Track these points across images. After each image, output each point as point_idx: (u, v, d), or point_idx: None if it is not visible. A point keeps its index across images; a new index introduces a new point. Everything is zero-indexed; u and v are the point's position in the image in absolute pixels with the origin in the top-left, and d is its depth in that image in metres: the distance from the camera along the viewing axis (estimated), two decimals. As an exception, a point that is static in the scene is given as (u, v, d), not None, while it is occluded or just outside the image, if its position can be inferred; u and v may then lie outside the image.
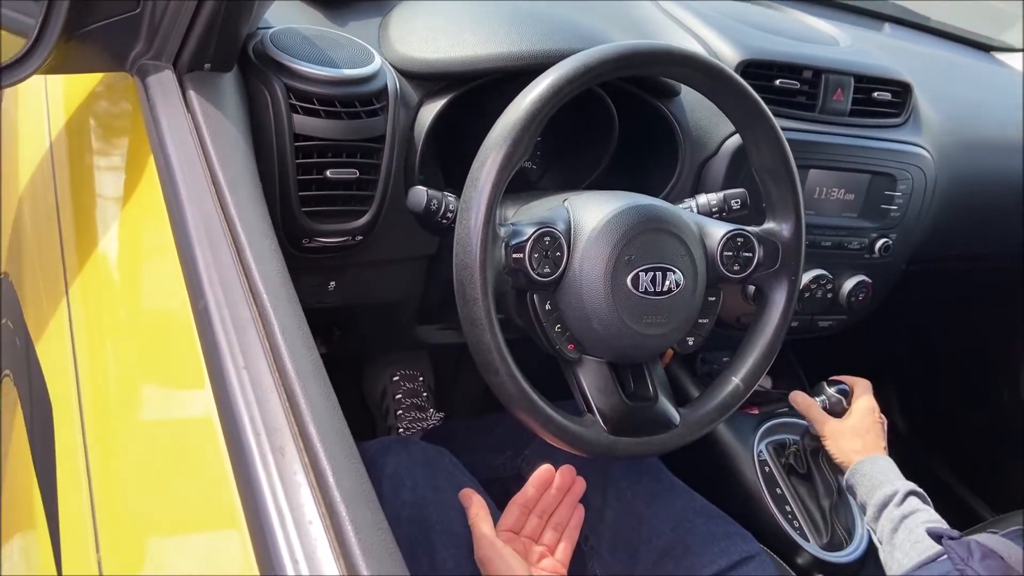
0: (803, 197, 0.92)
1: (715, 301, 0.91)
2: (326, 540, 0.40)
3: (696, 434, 0.89)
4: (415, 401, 1.55)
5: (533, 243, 0.80)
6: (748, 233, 0.89)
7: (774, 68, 1.14)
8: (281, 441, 0.44)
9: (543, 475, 0.89)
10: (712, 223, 0.91)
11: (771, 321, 0.92)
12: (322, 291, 1.00)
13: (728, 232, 0.88)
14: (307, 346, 0.52)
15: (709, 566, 0.91)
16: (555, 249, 0.81)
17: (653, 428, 0.87)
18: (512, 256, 0.79)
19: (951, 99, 1.36)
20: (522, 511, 0.88)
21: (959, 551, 0.50)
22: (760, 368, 0.92)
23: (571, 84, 0.78)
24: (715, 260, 0.88)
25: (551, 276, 0.81)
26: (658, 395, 0.88)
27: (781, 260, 0.91)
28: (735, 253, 0.89)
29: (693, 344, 0.91)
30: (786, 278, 0.91)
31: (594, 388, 0.86)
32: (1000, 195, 1.39)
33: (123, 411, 0.56)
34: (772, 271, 0.91)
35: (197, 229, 0.56)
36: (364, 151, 0.88)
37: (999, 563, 0.49)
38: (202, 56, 0.74)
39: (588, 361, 0.86)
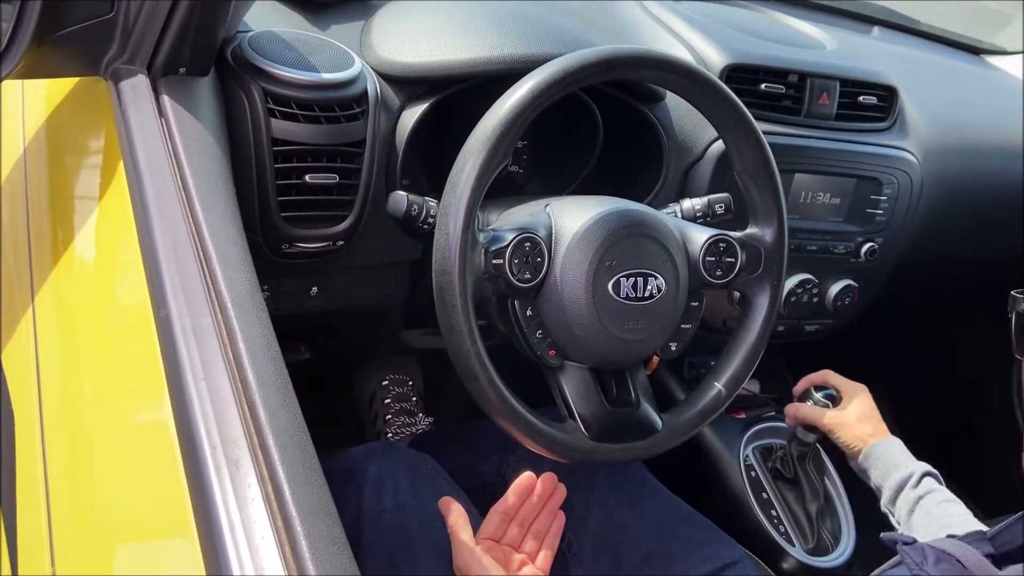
0: (788, 201, 0.92)
1: (697, 306, 0.90)
2: (277, 557, 0.40)
3: (678, 440, 0.89)
4: (404, 406, 1.54)
5: (513, 249, 0.79)
6: (730, 238, 0.89)
7: (759, 72, 1.13)
8: (237, 453, 0.43)
9: (524, 482, 0.88)
10: (695, 228, 0.91)
11: (753, 326, 0.91)
12: (304, 296, 0.99)
13: (710, 237, 0.88)
14: (271, 356, 0.51)
15: (692, 572, 0.91)
16: (536, 255, 0.81)
17: (635, 434, 0.87)
18: (492, 262, 0.79)
19: (938, 103, 1.36)
20: (502, 519, 0.87)
21: (914, 556, 0.50)
22: (743, 373, 0.91)
23: (551, 89, 0.78)
24: (697, 266, 0.88)
25: (532, 282, 0.81)
26: (640, 401, 0.88)
27: (764, 265, 0.91)
28: (717, 258, 0.88)
29: (676, 349, 0.91)
30: (768, 283, 0.91)
31: (576, 394, 0.85)
32: (987, 199, 1.38)
33: (82, 420, 0.55)
34: (755, 276, 0.91)
35: (163, 236, 0.56)
36: (344, 156, 0.87)
37: (954, 566, 0.48)
38: (177, 60, 0.73)
39: (570, 367, 0.86)
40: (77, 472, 0.53)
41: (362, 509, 0.89)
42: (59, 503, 0.50)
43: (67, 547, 0.48)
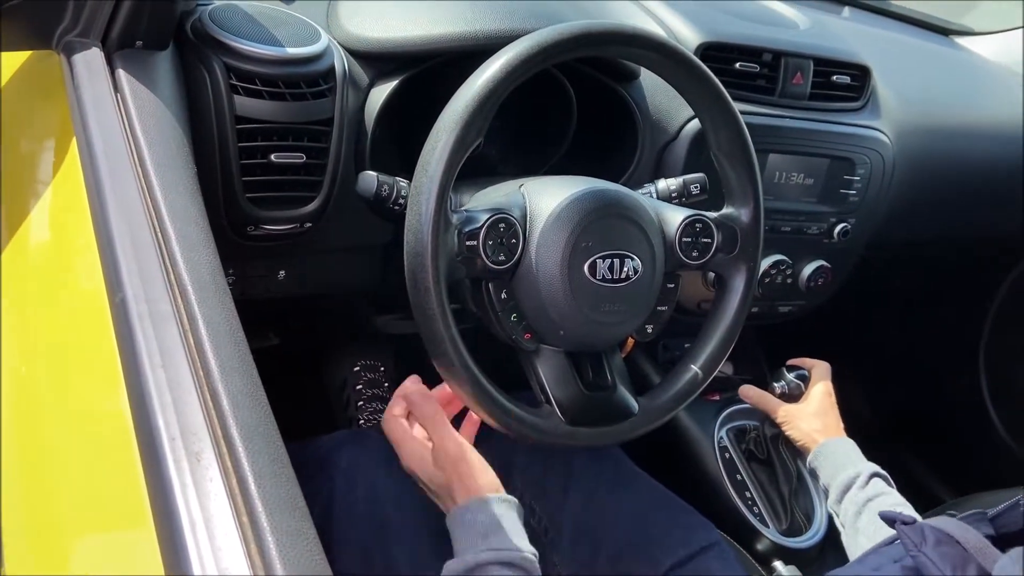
0: (762, 182, 0.91)
1: (673, 288, 0.89)
2: (242, 554, 0.38)
3: (655, 423, 0.88)
4: (376, 392, 1.52)
5: (487, 230, 0.77)
6: (706, 219, 0.88)
7: (734, 51, 1.12)
8: (198, 446, 0.41)
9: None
10: (670, 208, 0.90)
11: (729, 307, 0.90)
12: (271, 280, 0.96)
13: (686, 218, 0.87)
14: (234, 341, 0.49)
15: (669, 556, 0.90)
16: (510, 236, 0.79)
17: (611, 417, 0.86)
18: (466, 244, 0.77)
19: (909, 83, 1.36)
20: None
21: (912, 536, 0.49)
22: (719, 355, 0.91)
23: (525, 65, 0.76)
24: (673, 246, 0.87)
25: (506, 264, 0.79)
26: (616, 384, 0.87)
27: (740, 246, 0.90)
28: (693, 239, 0.87)
29: (652, 331, 0.90)
30: (744, 264, 0.90)
31: (551, 378, 0.84)
32: (958, 180, 1.39)
33: (34, 411, 0.52)
34: (731, 256, 0.90)
35: (118, 217, 0.53)
36: (311, 134, 0.85)
37: (954, 548, 0.48)
38: (133, 33, 0.70)
39: (545, 351, 0.84)
40: (28, 467, 0.50)
41: (333, 499, 0.87)
42: (8, 499, 0.48)
43: (17, 545, 0.46)
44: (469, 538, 0.74)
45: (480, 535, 0.74)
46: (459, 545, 0.75)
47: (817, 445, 1.04)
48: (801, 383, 1.15)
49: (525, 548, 0.74)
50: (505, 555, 0.72)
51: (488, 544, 0.73)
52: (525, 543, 0.75)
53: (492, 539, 0.73)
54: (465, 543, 0.74)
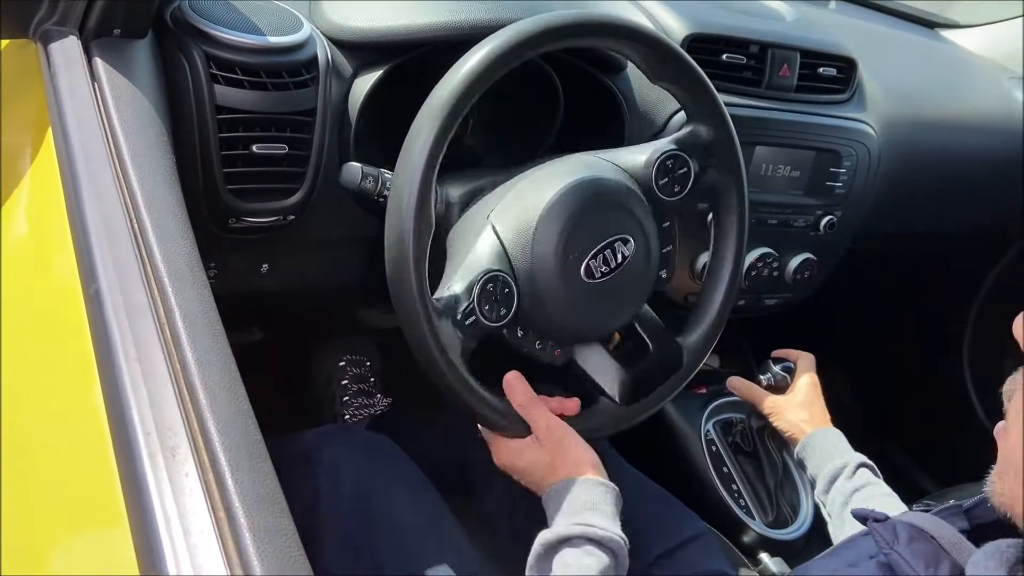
0: (749, 174, 0.92)
1: (669, 227, 0.93)
2: (218, 552, 0.37)
3: (704, 356, 0.91)
4: (362, 387, 1.51)
5: (479, 299, 0.77)
6: (675, 150, 0.87)
7: (720, 42, 1.12)
8: (173, 441, 0.40)
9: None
10: (631, 153, 0.88)
11: (732, 222, 0.91)
12: (254, 274, 0.95)
13: (656, 158, 0.86)
14: (212, 334, 0.48)
15: (655, 547, 0.90)
16: (502, 288, 0.79)
17: (660, 377, 0.88)
18: (466, 323, 0.77)
19: (895, 76, 1.36)
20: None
21: (885, 534, 0.49)
22: (737, 266, 0.92)
23: (508, 55, 0.75)
24: (652, 190, 0.86)
25: (510, 313, 0.80)
26: (656, 344, 0.89)
27: (716, 158, 0.89)
28: (670, 176, 0.87)
29: (666, 275, 0.93)
30: (731, 176, 0.90)
31: (598, 372, 0.87)
32: (943, 172, 1.40)
33: (7, 404, 0.51)
34: (713, 170, 0.89)
35: (92, 206, 0.51)
36: (293, 125, 0.84)
37: (928, 544, 0.48)
38: (110, 21, 0.68)
39: (580, 351, 0.87)
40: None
41: (319, 495, 0.87)
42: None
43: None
44: (565, 512, 0.75)
45: (575, 511, 0.75)
46: (554, 518, 0.76)
47: (804, 436, 1.04)
48: (787, 375, 1.15)
49: (616, 532, 0.75)
50: (596, 532, 0.73)
51: (582, 519, 0.74)
52: (617, 528, 0.76)
53: (586, 515, 0.74)
54: (560, 516, 0.75)
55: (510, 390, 0.82)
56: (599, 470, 0.80)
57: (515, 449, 0.82)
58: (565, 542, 0.73)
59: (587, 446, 0.81)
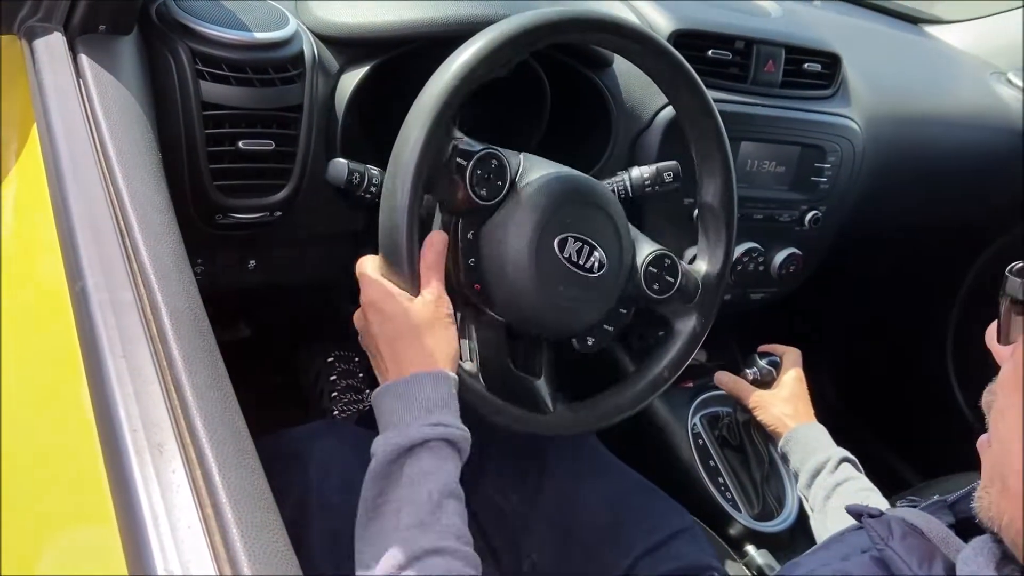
0: (735, 169, 0.92)
1: (625, 315, 0.90)
2: (205, 546, 0.37)
3: (564, 430, 0.87)
4: (351, 383, 1.51)
5: (480, 160, 0.77)
6: (676, 260, 0.90)
7: (706, 39, 1.12)
8: (160, 437, 0.40)
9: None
10: (644, 239, 0.91)
11: (667, 354, 0.92)
12: (241, 271, 0.95)
13: (657, 251, 0.89)
14: (198, 331, 0.48)
15: (642, 541, 0.91)
16: (498, 176, 0.79)
17: (526, 403, 0.85)
18: (456, 160, 0.76)
19: (880, 71, 1.37)
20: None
21: (879, 530, 0.49)
22: (645, 395, 0.91)
23: (501, 52, 0.75)
24: (638, 273, 0.88)
25: (485, 201, 0.79)
26: (542, 375, 0.88)
27: (698, 298, 0.92)
28: (659, 272, 0.89)
29: (592, 344, 0.90)
30: (698, 317, 0.92)
31: (484, 342, 0.83)
32: (925, 168, 1.41)
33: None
34: (688, 305, 0.92)
35: (78, 203, 0.51)
36: (280, 121, 0.84)
37: (920, 540, 0.48)
38: (95, 17, 0.68)
39: (488, 316, 0.83)
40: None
41: (308, 490, 0.87)
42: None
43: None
44: (413, 411, 0.68)
45: (427, 409, 0.68)
46: (395, 417, 0.69)
47: (788, 430, 1.05)
48: (773, 369, 1.16)
49: (464, 427, 0.70)
50: (452, 432, 0.68)
51: (434, 419, 0.68)
52: (460, 422, 0.70)
53: (439, 414, 0.68)
54: (407, 416, 0.68)
55: (429, 245, 0.75)
56: (454, 363, 0.74)
57: (392, 291, 0.74)
58: (420, 445, 0.66)
59: (455, 336, 0.75)
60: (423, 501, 0.64)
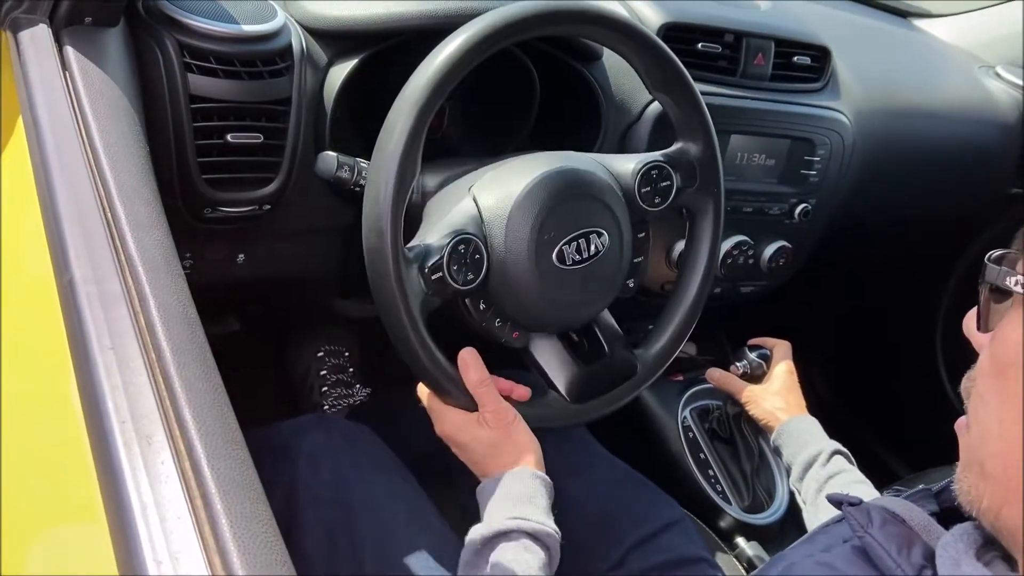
0: (724, 163, 0.93)
1: (645, 236, 0.91)
2: (194, 537, 0.37)
3: (658, 371, 0.91)
4: (341, 377, 1.51)
5: (449, 257, 0.77)
6: (660, 162, 0.88)
7: (696, 31, 1.12)
8: (149, 428, 0.40)
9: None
10: (620, 159, 0.90)
11: (705, 237, 0.92)
12: (230, 264, 0.95)
13: (641, 167, 0.87)
14: (187, 323, 0.48)
15: (633, 533, 0.91)
16: (473, 253, 0.79)
17: (614, 381, 0.88)
18: (431, 278, 0.76)
19: (869, 64, 1.37)
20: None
21: (859, 518, 0.50)
22: (703, 290, 0.93)
23: (484, 44, 0.75)
24: (634, 198, 0.87)
25: (477, 280, 0.79)
26: (612, 349, 0.89)
27: (700, 177, 0.91)
28: (652, 186, 0.88)
29: (634, 285, 0.92)
30: (709, 194, 0.91)
31: (549, 364, 0.86)
32: (914, 161, 1.41)
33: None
34: (694, 190, 0.91)
35: (65, 196, 0.51)
36: (269, 114, 0.83)
37: (900, 527, 0.49)
38: (81, 9, 0.67)
39: (537, 341, 0.86)
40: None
41: (297, 483, 0.87)
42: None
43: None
44: (500, 504, 0.74)
45: (512, 503, 0.74)
46: (489, 510, 0.75)
47: (780, 424, 1.06)
48: (763, 362, 1.17)
49: (552, 526, 0.74)
50: (533, 526, 0.72)
51: (519, 512, 0.73)
52: (551, 521, 0.75)
53: (523, 508, 0.74)
54: (496, 509, 0.74)
55: (464, 365, 0.80)
56: (539, 462, 0.79)
57: (459, 422, 0.80)
58: (502, 536, 0.72)
59: (532, 435, 0.81)
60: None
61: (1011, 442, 0.45)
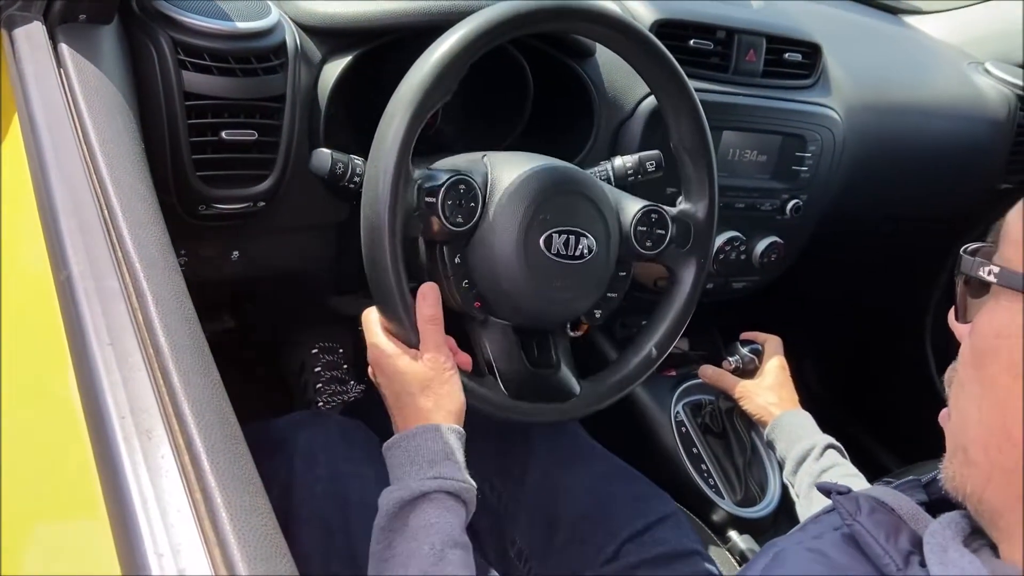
0: (716, 158, 0.93)
1: (625, 277, 0.91)
2: (195, 530, 0.37)
3: (595, 406, 0.89)
4: (335, 374, 1.51)
5: (447, 190, 0.77)
6: (663, 211, 0.89)
7: (688, 28, 1.13)
8: (148, 423, 0.41)
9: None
10: (628, 198, 0.91)
11: (678, 299, 0.93)
12: (224, 261, 0.95)
13: (643, 208, 0.89)
14: (184, 319, 0.48)
15: (626, 527, 0.91)
16: (469, 199, 0.79)
17: (553, 396, 0.87)
18: (425, 200, 0.77)
19: (859, 61, 1.38)
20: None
21: (847, 506, 0.51)
22: (666, 343, 0.93)
23: (480, 40, 0.76)
24: (629, 235, 0.88)
25: (463, 227, 0.79)
26: (560, 364, 0.88)
27: (692, 240, 0.92)
28: (648, 229, 0.89)
29: (600, 317, 0.91)
30: (696, 258, 0.92)
31: (497, 351, 0.85)
32: (905, 157, 1.42)
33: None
34: (683, 251, 0.92)
35: (62, 193, 0.51)
36: (263, 111, 0.83)
37: (888, 515, 0.49)
38: (75, 6, 0.68)
39: (493, 323, 0.85)
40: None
41: (293, 478, 0.87)
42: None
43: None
44: (416, 465, 0.71)
45: (428, 462, 0.71)
46: (399, 471, 0.72)
47: (773, 418, 1.06)
48: (755, 357, 1.17)
49: (468, 480, 0.72)
50: (450, 484, 0.70)
51: (438, 471, 0.71)
52: (467, 474, 0.73)
53: (442, 467, 0.71)
54: (412, 467, 0.71)
55: (422, 297, 0.77)
56: (460, 417, 0.77)
57: (394, 351, 0.77)
58: (423, 497, 0.69)
59: (460, 392, 0.77)
60: (426, 553, 0.67)
61: (990, 427, 0.46)
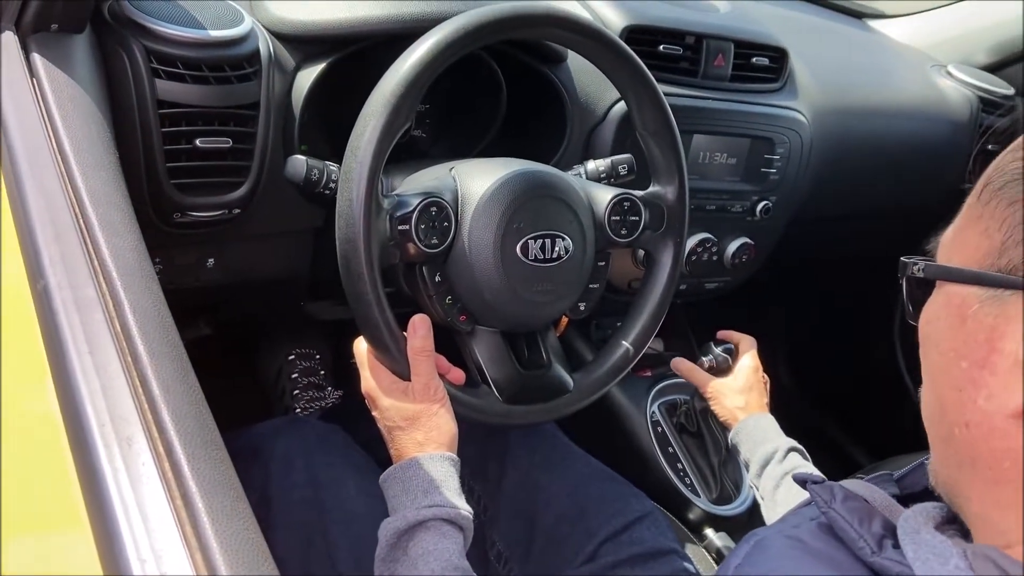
0: (688, 162, 0.94)
1: (604, 266, 0.92)
2: (177, 535, 0.38)
3: (589, 398, 0.91)
4: (312, 380, 1.51)
5: (419, 214, 0.78)
6: (634, 197, 0.90)
7: (657, 34, 1.15)
8: (128, 431, 0.41)
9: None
10: (599, 188, 0.92)
11: (658, 283, 0.93)
12: (200, 269, 0.95)
13: (615, 197, 0.89)
14: (163, 326, 0.48)
15: (604, 527, 0.92)
16: (442, 219, 0.79)
17: (547, 395, 0.88)
18: (398, 228, 0.77)
19: (825, 65, 1.41)
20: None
21: (822, 494, 0.52)
22: (650, 328, 0.93)
23: (452, 47, 0.76)
24: (603, 225, 0.89)
25: (439, 247, 0.80)
26: (551, 362, 0.89)
27: (666, 223, 0.92)
28: (622, 217, 0.90)
29: (585, 309, 0.92)
30: (672, 240, 0.93)
31: (487, 359, 0.86)
32: (871, 158, 1.45)
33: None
34: (658, 233, 0.93)
35: (37, 203, 0.51)
36: (237, 119, 0.84)
37: (861, 504, 0.51)
38: (47, 16, 0.67)
39: (481, 332, 0.86)
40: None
41: (270, 485, 0.87)
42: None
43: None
44: (411, 495, 0.73)
45: (423, 491, 0.73)
46: (395, 502, 0.74)
47: (738, 422, 1.08)
48: (728, 356, 1.18)
49: (463, 506, 0.74)
50: (448, 512, 0.72)
51: (431, 500, 0.72)
52: (463, 501, 0.75)
53: (435, 495, 0.73)
54: (407, 498, 0.73)
55: (413, 329, 0.78)
56: (452, 446, 0.78)
57: (386, 384, 0.78)
58: (419, 526, 0.71)
59: (453, 421, 0.79)
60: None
61: (929, 404, 0.50)
